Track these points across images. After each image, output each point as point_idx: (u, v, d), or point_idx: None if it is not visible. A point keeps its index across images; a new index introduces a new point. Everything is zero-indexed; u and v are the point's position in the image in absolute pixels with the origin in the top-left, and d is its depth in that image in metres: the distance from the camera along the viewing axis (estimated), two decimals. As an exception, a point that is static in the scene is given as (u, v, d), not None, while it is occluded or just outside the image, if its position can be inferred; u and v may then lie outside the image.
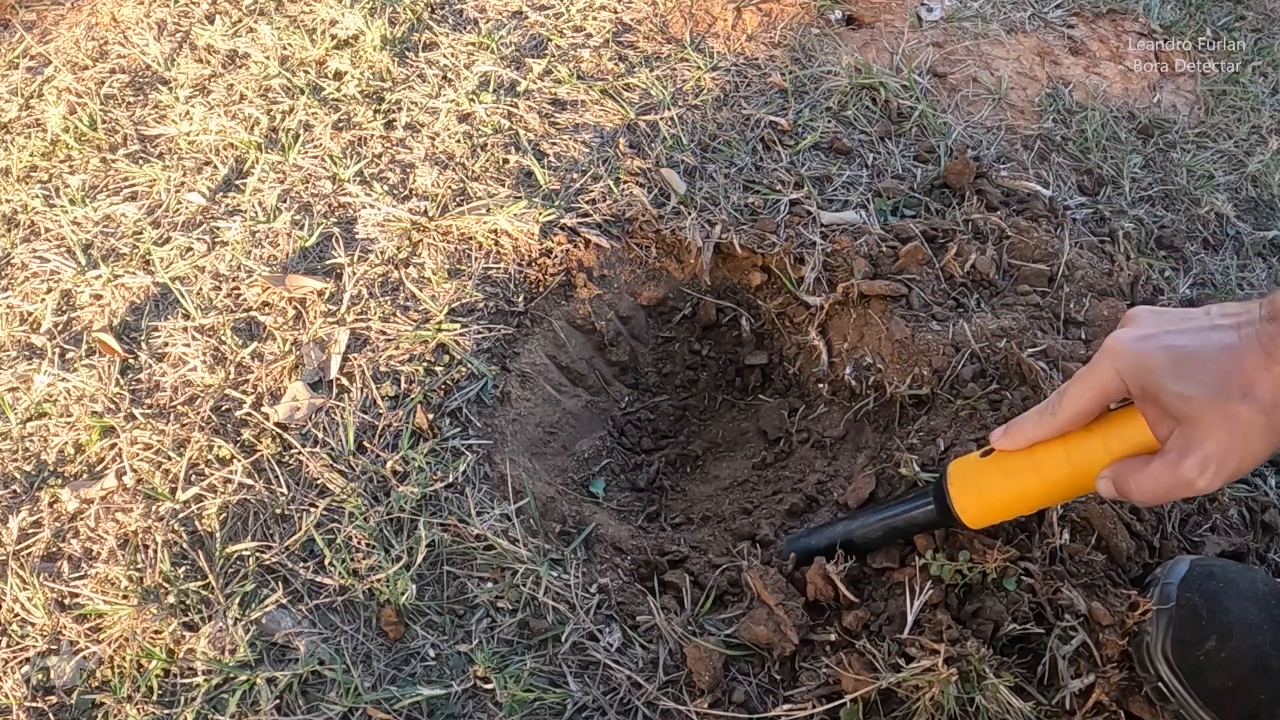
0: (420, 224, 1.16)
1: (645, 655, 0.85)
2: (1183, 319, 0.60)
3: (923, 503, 0.78)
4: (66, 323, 1.12)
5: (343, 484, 0.95)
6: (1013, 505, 0.71)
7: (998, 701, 0.75)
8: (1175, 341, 0.58)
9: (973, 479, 0.73)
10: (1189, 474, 0.58)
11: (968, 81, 1.39)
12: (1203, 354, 0.57)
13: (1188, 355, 0.57)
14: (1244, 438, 0.56)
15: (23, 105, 1.38)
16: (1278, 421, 0.56)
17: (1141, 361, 0.59)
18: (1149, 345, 0.59)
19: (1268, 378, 0.55)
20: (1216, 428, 0.56)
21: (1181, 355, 0.57)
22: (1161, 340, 0.59)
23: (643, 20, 1.46)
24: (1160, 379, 0.58)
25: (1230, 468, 0.57)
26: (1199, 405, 0.56)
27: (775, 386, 1.16)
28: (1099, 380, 0.62)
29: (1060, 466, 0.66)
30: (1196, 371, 0.56)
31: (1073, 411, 0.64)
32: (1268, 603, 0.74)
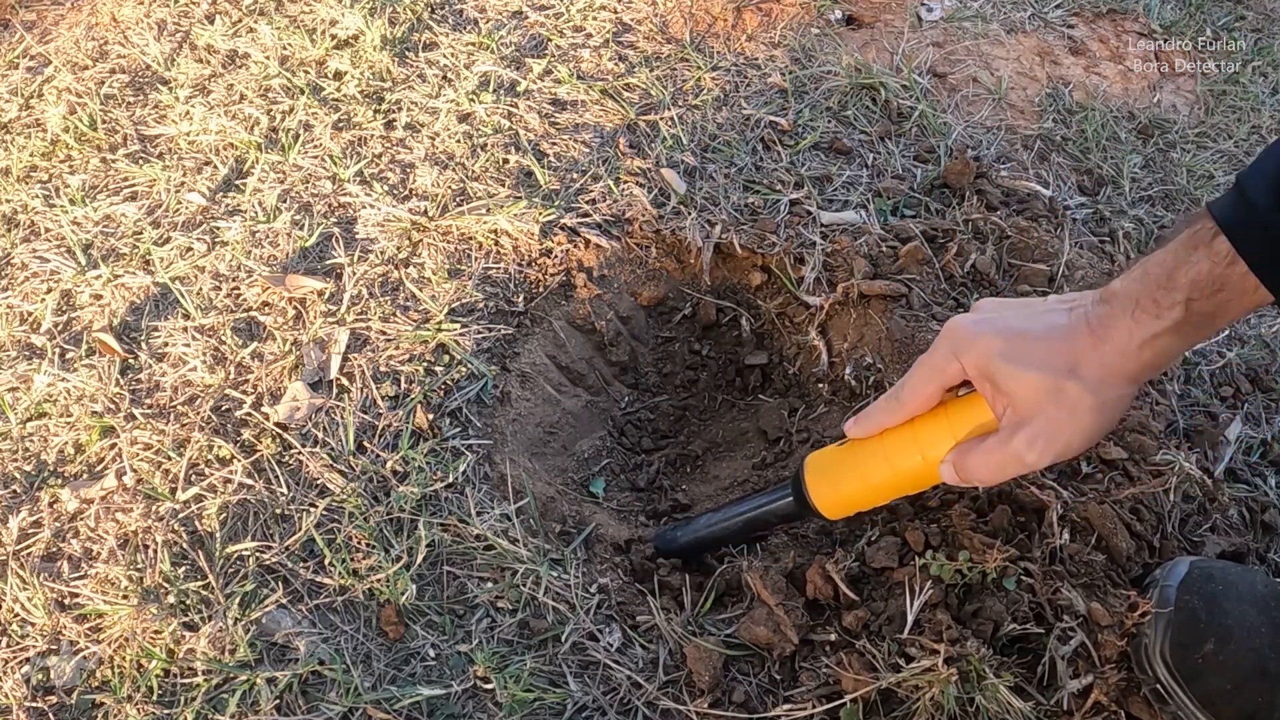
0: (420, 224, 1.16)
1: (645, 655, 0.85)
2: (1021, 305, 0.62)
3: (781, 495, 0.79)
4: (66, 323, 1.12)
5: (343, 484, 0.95)
6: (866, 495, 0.73)
7: (997, 701, 0.75)
8: (1009, 324, 0.60)
9: (829, 470, 0.74)
10: (1019, 448, 0.60)
11: (968, 81, 1.39)
12: (1034, 334, 0.59)
13: (1019, 335, 0.59)
14: (1072, 414, 0.58)
15: (23, 105, 1.38)
16: (1106, 399, 0.58)
17: (976, 343, 0.61)
18: (984, 327, 0.61)
19: (1095, 356, 0.57)
20: (1045, 404, 0.58)
21: (1014, 336, 0.59)
22: (996, 323, 0.61)
23: (643, 20, 1.46)
24: (993, 359, 0.60)
25: (1060, 443, 0.59)
26: (1028, 383, 0.58)
27: (775, 386, 1.16)
28: (938, 363, 0.64)
29: (909, 453, 0.68)
30: (1027, 351, 0.59)
31: (916, 395, 0.66)
32: (1267, 605, 0.74)
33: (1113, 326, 0.57)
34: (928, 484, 0.70)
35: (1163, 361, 0.57)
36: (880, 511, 0.91)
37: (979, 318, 0.63)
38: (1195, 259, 0.53)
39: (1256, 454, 0.98)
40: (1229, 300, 0.53)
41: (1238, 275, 0.52)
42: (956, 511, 0.85)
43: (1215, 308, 0.54)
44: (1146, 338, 0.55)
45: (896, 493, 0.72)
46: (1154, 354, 0.56)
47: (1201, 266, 0.53)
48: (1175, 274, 0.54)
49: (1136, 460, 0.88)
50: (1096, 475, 0.87)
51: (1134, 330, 0.56)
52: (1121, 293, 0.57)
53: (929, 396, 0.66)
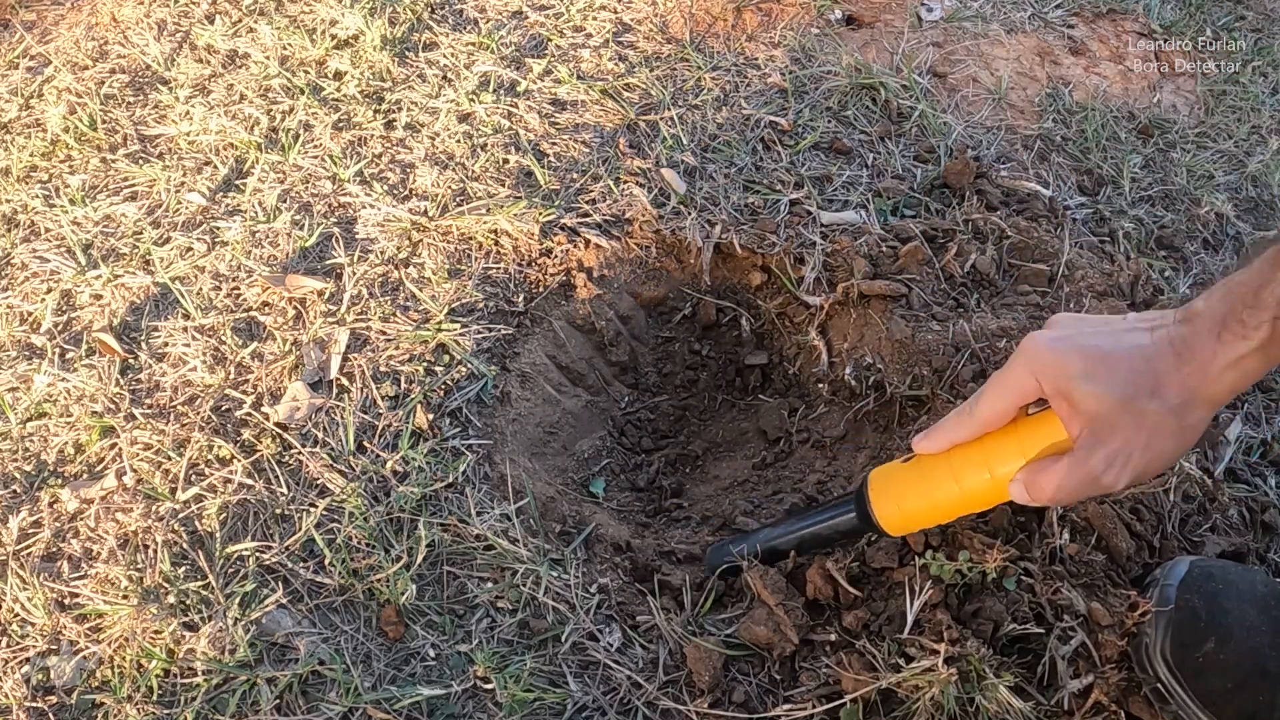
0: (420, 224, 1.17)
1: (645, 655, 0.85)
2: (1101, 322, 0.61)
3: (845, 510, 0.77)
4: (66, 323, 1.12)
5: (343, 484, 0.95)
6: (932, 512, 0.71)
7: (997, 701, 0.75)
8: (1089, 342, 0.59)
9: (893, 486, 0.72)
10: (1096, 469, 0.58)
11: (968, 81, 1.39)
12: (1114, 354, 0.58)
13: (1100, 355, 0.58)
14: (1151, 436, 0.57)
15: (23, 105, 1.38)
16: (1187, 422, 0.57)
17: (1055, 361, 0.59)
18: (1063, 345, 0.60)
19: (1177, 378, 0.56)
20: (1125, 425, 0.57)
21: (1094, 355, 0.58)
22: (1075, 341, 0.60)
23: (643, 20, 1.46)
24: (1072, 378, 0.58)
25: (1138, 466, 0.58)
26: (1108, 403, 0.57)
27: (775, 386, 1.16)
28: (1014, 380, 0.62)
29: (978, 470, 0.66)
30: (1107, 371, 0.57)
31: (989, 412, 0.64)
32: (1267, 604, 0.74)
33: (1196, 348, 0.55)
34: (995, 502, 0.68)
35: (1245, 383, 0.55)
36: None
37: (1057, 335, 0.61)
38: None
39: (1256, 454, 0.98)
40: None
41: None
42: (956, 511, 0.85)
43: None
44: (1232, 359, 0.54)
45: (963, 510, 0.70)
46: (1237, 375, 0.55)
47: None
48: (1261, 292, 0.52)
49: (1136, 460, 0.88)
50: (1096, 475, 0.87)
51: (1219, 351, 0.54)
52: (1205, 312, 0.55)
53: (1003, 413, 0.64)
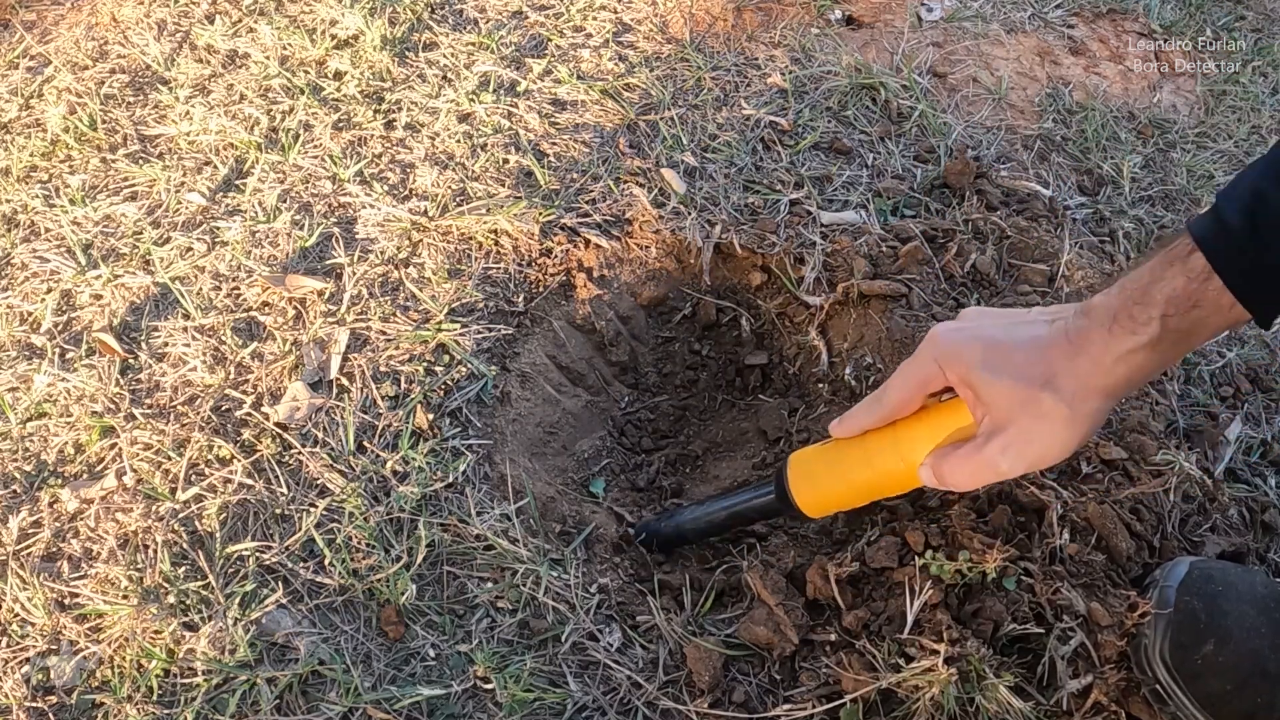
0: (420, 224, 1.17)
1: (645, 655, 0.85)
2: (1004, 315, 0.63)
3: (764, 491, 0.80)
4: (66, 323, 1.12)
5: (343, 484, 0.95)
6: (847, 495, 0.74)
7: (997, 701, 0.75)
8: (989, 333, 0.61)
9: (810, 469, 0.75)
10: (992, 455, 0.61)
11: (968, 81, 1.39)
12: (1012, 344, 0.60)
13: (998, 345, 0.60)
14: (1046, 425, 0.59)
15: (23, 105, 1.38)
16: (1081, 412, 0.58)
17: (957, 350, 0.62)
18: (964, 335, 0.62)
19: (1070, 369, 0.58)
20: (1019, 414, 0.59)
21: (992, 345, 0.61)
22: (977, 332, 0.62)
23: (643, 20, 1.46)
24: (972, 367, 0.61)
25: (1032, 453, 0.60)
26: (1004, 392, 0.59)
27: (775, 386, 1.16)
28: (919, 368, 0.65)
29: (888, 454, 0.69)
30: (1005, 361, 0.59)
31: (896, 398, 0.67)
32: (1267, 606, 0.74)
33: (1089, 340, 0.57)
34: (908, 487, 0.71)
35: (1138, 378, 0.57)
36: (880, 511, 0.91)
37: (961, 325, 0.64)
38: (1171, 275, 0.54)
39: (1256, 454, 0.98)
40: (1205, 317, 0.54)
41: (1213, 292, 0.52)
42: (956, 511, 0.85)
43: (1191, 324, 0.54)
44: (1122, 353, 0.56)
45: (877, 494, 0.73)
46: (1129, 370, 0.56)
47: (1177, 283, 0.53)
48: (1151, 290, 0.54)
49: (1136, 460, 0.88)
50: (1096, 475, 0.87)
51: (1109, 344, 0.56)
52: (1100, 306, 0.57)
53: (909, 400, 0.67)
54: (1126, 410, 0.94)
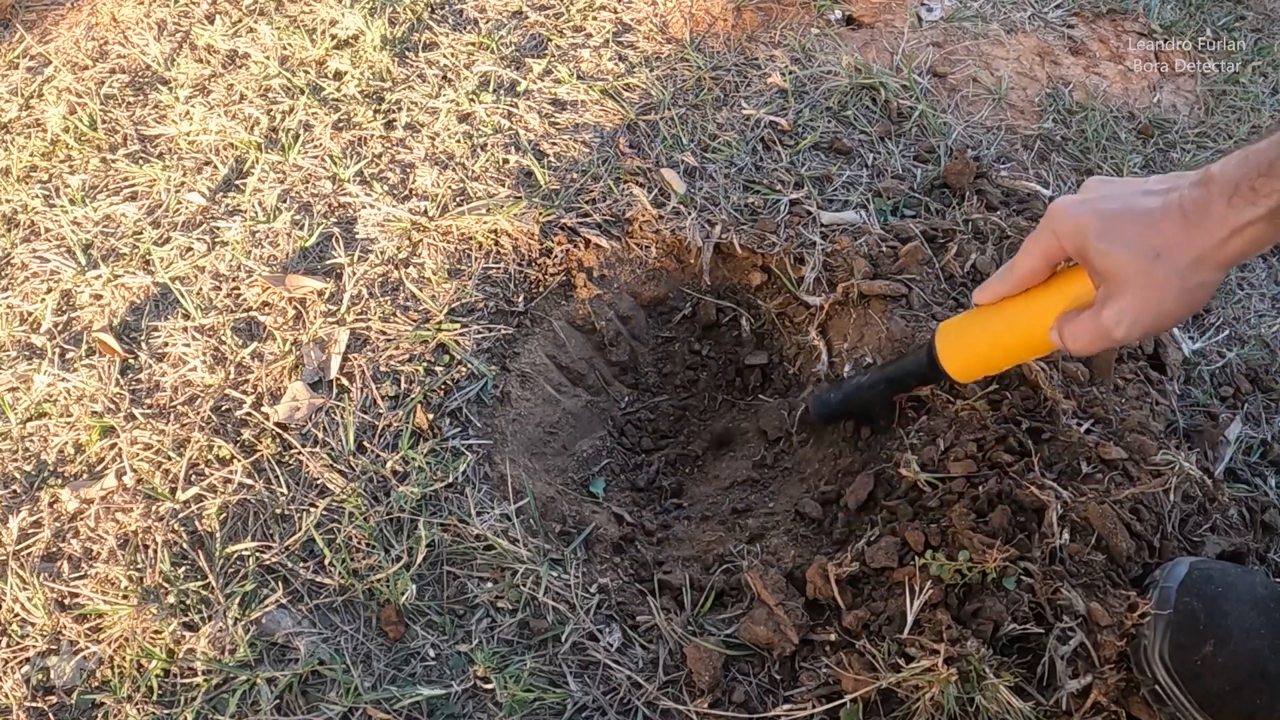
0: (420, 224, 1.17)
1: (645, 655, 0.85)
2: (1122, 185, 0.65)
3: (917, 359, 0.86)
4: (66, 323, 1.12)
5: (343, 484, 0.95)
6: (988, 358, 0.79)
7: (997, 701, 0.75)
8: (1106, 206, 0.63)
9: (956, 334, 0.81)
10: (1107, 323, 0.63)
11: (968, 81, 1.39)
12: (1126, 216, 0.62)
13: (1113, 217, 0.62)
14: (1157, 295, 0.61)
15: (23, 105, 1.38)
16: (1192, 283, 0.60)
17: (1074, 224, 0.64)
18: (1083, 209, 0.64)
19: (1185, 240, 0.59)
20: (1132, 284, 0.62)
21: (1108, 217, 0.62)
22: (1094, 205, 0.64)
23: (643, 20, 1.46)
24: (1088, 239, 0.63)
25: (1145, 322, 0.63)
26: (1118, 263, 0.62)
27: (775, 386, 1.16)
28: (1041, 240, 0.68)
29: (1023, 320, 0.74)
30: (1119, 233, 0.61)
31: (1023, 269, 0.70)
32: (1266, 606, 0.74)
33: (1206, 212, 0.57)
34: (1044, 350, 0.74)
35: (1251, 250, 0.58)
36: (880, 511, 0.91)
37: (1080, 198, 0.65)
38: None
39: (1256, 454, 0.98)
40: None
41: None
42: (956, 511, 0.85)
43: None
44: (1239, 225, 0.56)
45: (1016, 358, 0.78)
46: (1243, 242, 0.57)
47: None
48: (1277, 164, 0.54)
49: (1136, 460, 0.88)
50: (1096, 475, 0.87)
51: (1228, 216, 0.57)
52: (1219, 177, 0.57)
53: (1035, 270, 0.70)
54: (1126, 410, 0.94)
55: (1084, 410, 0.92)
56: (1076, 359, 0.96)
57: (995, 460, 0.88)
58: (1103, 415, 0.92)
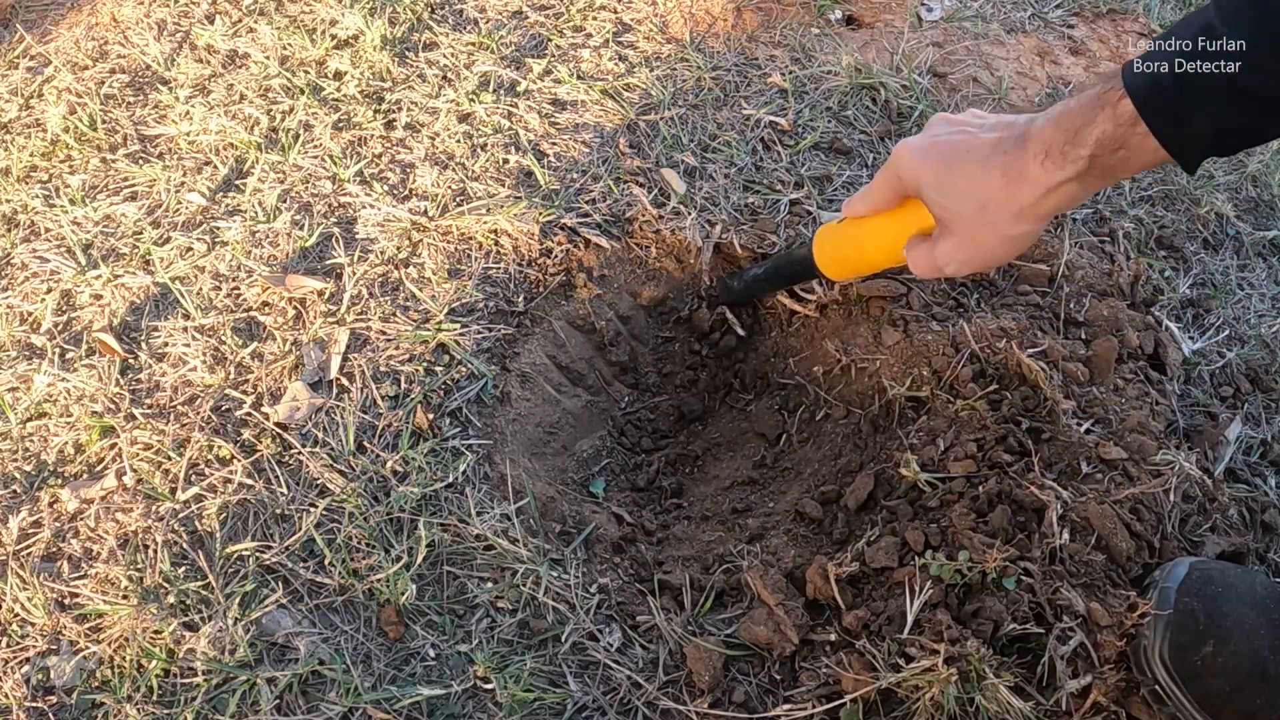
0: (420, 224, 1.17)
1: (645, 655, 0.85)
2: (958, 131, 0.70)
3: (800, 254, 0.96)
4: (66, 323, 1.12)
5: (343, 484, 0.95)
6: (856, 262, 0.88)
7: (997, 701, 0.75)
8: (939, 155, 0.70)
9: (829, 239, 0.90)
10: (939, 259, 0.72)
11: (968, 81, 1.39)
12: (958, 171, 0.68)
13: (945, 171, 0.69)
14: (981, 241, 0.69)
15: (23, 105, 1.38)
16: (1013, 233, 0.67)
17: (912, 172, 0.72)
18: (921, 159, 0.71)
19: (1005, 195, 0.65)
20: (960, 230, 0.70)
21: (941, 171, 0.69)
22: (931, 152, 0.70)
23: (643, 20, 1.46)
24: (923, 189, 0.71)
25: (972, 263, 0.71)
26: (948, 213, 0.70)
27: (774, 387, 1.16)
28: (887, 179, 0.76)
29: (880, 233, 0.82)
30: (950, 186, 0.69)
31: (875, 198, 0.79)
32: (1266, 607, 0.74)
33: (1023, 173, 0.64)
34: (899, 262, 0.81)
35: (1066, 204, 0.65)
36: (880, 511, 0.91)
37: (920, 143, 0.71)
38: (1101, 119, 0.60)
39: (1256, 454, 0.98)
40: (1129, 158, 0.60)
41: (1138, 136, 0.58)
42: (956, 511, 0.85)
43: (1116, 163, 0.61)
44: (1052, 184, 0.63)
45: (876, 266, 0.87)
46: (1057, 199, 0.64)
47: (1106, 127, 0.59)
48: (1083, 131, 0.61)
49: (1136, 460, 0.88)
50: (1096, 475, 0.87)
51: (1041, 176, 0.63)
52: (1035, 137, 0.63)
53: (886, 200, 0.78)
54: (1126, 410, 0.94)
55: (1084, 410, 0.92)
56: (1075, 360, 0.96)
57: (995, 460, 0.88)
58: (1103, 415, 0.92)
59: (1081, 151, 0.61)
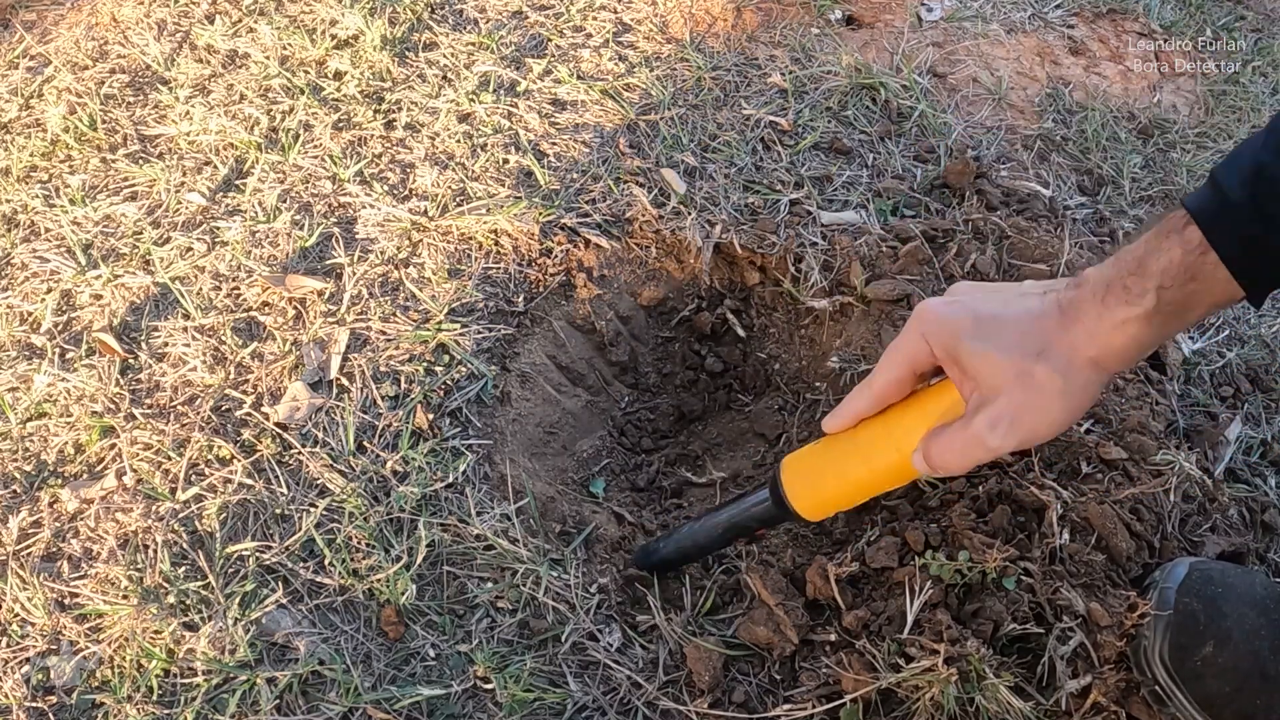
0: (420, 224, 1.17)
1: (645, 655, 0.85)
2: (995, 289, 0.61)
3: (760, 499, 0.76)
4: (66, 323, 1.12)
5: (343, 484, 0.95)
6: (845, 493, 0.70)
7: (997, 701, 0.75)
8: (980, 306, 0.59)
9: (805, 469, 0.72)
10: (980, 430, 0.57)
11: (968, 81, 1.39)
12: (1003, 316, 0.58)
13: (990, 317, 0.58)
14: (1038, 397, 0.56)
15: (23, 105, 1.38)
16: (1073, 385, 0.56)
17: (945, 324, 0.59)
18: (954, 309, 0.60)
19: (1063, 339, 0.56)
20: (1010, 385, 0.56)
21: (984, 317, 0.58)
22: (967, 305, 0.60)
23: (643, 20, 1.46)
24: (960, 339, 0.58)
25: (1025, 427, 0.57)
26: (995, 363, 0.57)
27: (774, 387, 1.16)
28: (907, 345, 0.62)
29: (882, 445, 0.65)
30: (996, 332, 0.57)
31: (885, 380, 0.64)
32: (1266, 607, 0.74)
33: (1083, 310, 0.55)
34: (906, 478, 0.67)
35: (1134, 350, 0.55)
36: (880, 511, 0.91)
37: (950, 300, 0.61)
38: (1167, 246, 0.53)
39: (1256, 454, 0.98)
40: (1200, 291, 0.53)
41: (1209, 265, 0.52)
42: (956, 511, 0.85)
43: (1186, 297, 0.53)
44: (1117, 322, 0.54)
45: (875, 490, 0.69)
46: (1124, 340, 0.55)
47: (1174, 255, 0.52)
48: (1147, 261, 0.53)
49: (1136, 460, 0.88)
50: (1096, 475, 0.87)
51: (1103, 314, 0.54)
52: (1094, 278, 0.55)
53: (900, 381, 0.64)
54: (1126, 410, 0.94)
55: (1084, 410, 0.92)
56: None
57: (995, 460, 0.88)
58: (1103, 415, 0.92)
59: (1147, 284, 0.53)
